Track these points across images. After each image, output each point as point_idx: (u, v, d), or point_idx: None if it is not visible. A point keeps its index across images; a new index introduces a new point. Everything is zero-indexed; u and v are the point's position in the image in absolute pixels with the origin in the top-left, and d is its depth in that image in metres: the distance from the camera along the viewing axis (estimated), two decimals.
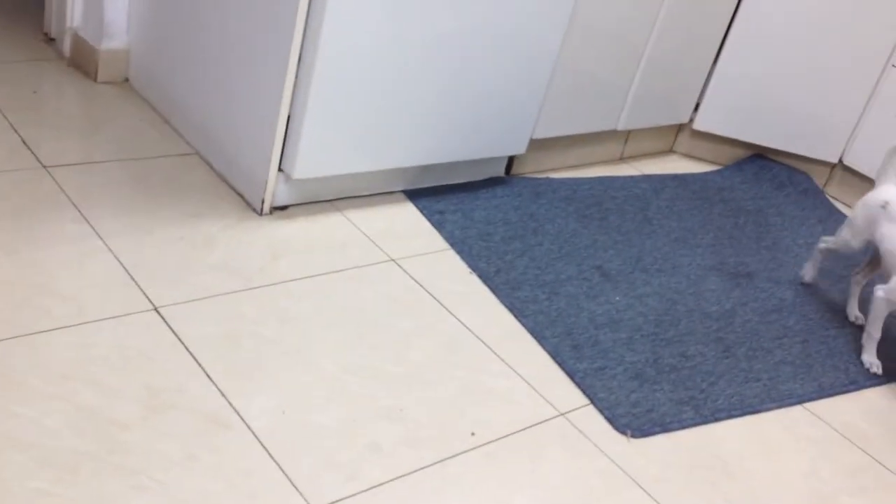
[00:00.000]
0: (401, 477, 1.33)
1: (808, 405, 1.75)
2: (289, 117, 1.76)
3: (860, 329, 1.98)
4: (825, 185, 2.72)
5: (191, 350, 1.45)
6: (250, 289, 1.63)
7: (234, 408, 1.36)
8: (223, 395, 1.38)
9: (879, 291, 1.86)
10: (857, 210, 1.98)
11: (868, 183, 2.60)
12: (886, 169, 1.97)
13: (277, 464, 1.29)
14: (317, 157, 1.81)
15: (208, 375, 1.41)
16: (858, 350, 1.94)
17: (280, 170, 1.82)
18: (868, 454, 1.66)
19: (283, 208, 1.88)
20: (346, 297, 1.69)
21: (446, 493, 1.33)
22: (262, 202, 1.84)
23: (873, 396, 1.83)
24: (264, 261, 1.71)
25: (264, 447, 1.31)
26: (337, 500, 1.26)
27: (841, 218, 2.56)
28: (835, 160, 2.65)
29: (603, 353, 1.72)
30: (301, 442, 1.34)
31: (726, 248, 2.23)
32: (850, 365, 1.89)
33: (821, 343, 1.94)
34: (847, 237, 2.00)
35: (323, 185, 1.93)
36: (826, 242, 2.09)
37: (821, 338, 1.96)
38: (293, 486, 1.26)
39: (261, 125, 1.79)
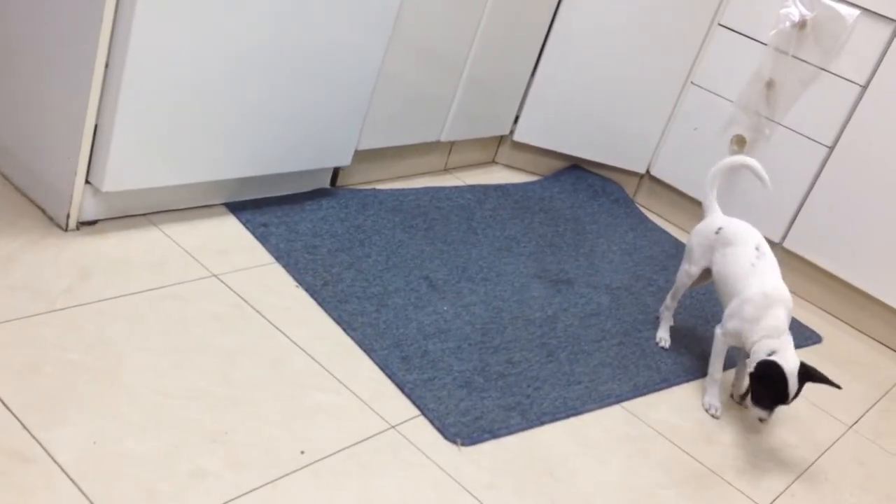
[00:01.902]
0: (228, 502, 1.27)
1: (625, 404, 1.84)
2: (96, 127, 1.65)
3: (673, 332, 2.11)
4: (635, 194, 2.89)
5: None
6: (54, 311, 1.51)
7: (37, 441, 1.25)
8: (25, 427, 1.26)
9: (717, 329, 1.90)
10: (693, 239, 2.03)
11: (673, 192, 2.79)
12: (709, 194, 2.05)
13: (88, 498, 1.19)
14: (127, 169, 1.71)
15: (7, 407, 1.28)
16: (669, 350, 2.06)
17: (87, 182, 1.70)
18: (679, 447, 1.77)
19: (92, 223, 1.76)
20: (164, 316, 1.60)
21: None
22: (68, 217, 1.71)
23: (683, 393, 1.95)
24: (71, 280, 1.59)
25: (73, 481, 1.21)
26: None
27: (651, 225, 2.72)
28: (643, 171, 2.82)
29: (432, 364, 1.72)
30: (115, 473, 1.25)
31: (548, 256, 2.31)
32: (661, 364, 2.01)
33: (635, 345, 2.05)
34: (686, 267, 2.04)
35: (136, 199, 1.82)
36: (668, 308, 2.09)
37: (635, 339, 2.07)
38: None
39: (65, 135, 1.67)
